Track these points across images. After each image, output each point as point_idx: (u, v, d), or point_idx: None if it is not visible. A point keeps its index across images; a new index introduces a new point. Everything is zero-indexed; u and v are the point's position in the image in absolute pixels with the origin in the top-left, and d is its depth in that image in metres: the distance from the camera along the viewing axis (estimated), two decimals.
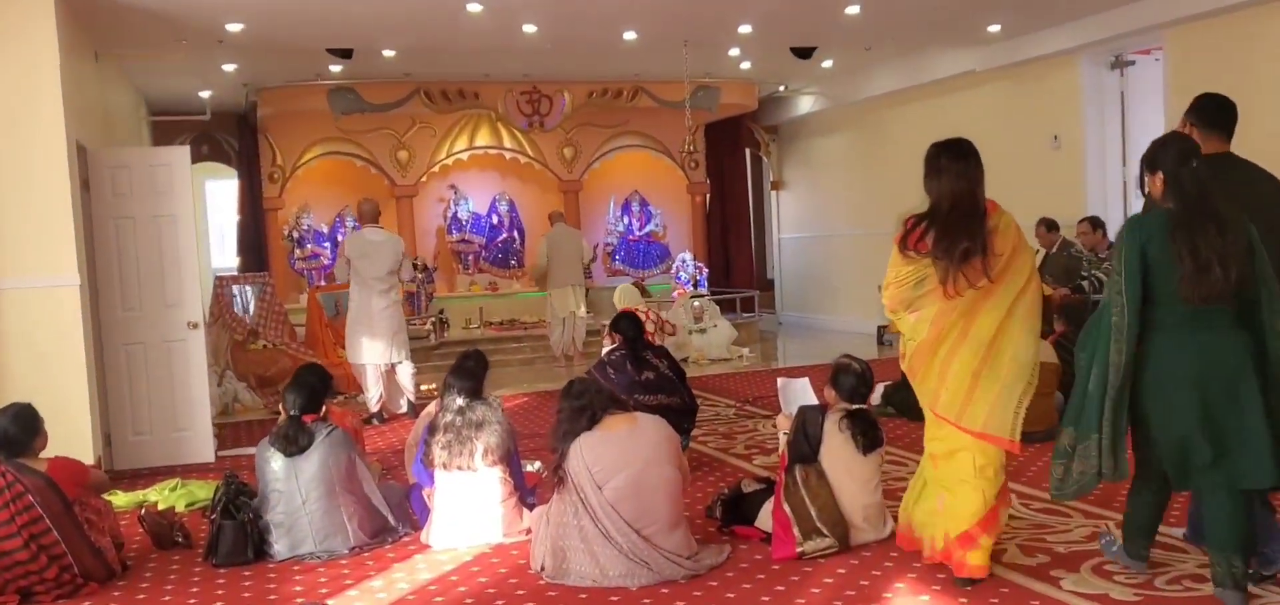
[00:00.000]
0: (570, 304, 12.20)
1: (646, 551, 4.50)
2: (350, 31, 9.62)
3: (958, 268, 4.13)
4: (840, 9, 9.47)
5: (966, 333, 4.17)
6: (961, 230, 4.16)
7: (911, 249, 4.28)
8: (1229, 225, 3.83)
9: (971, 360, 4.15)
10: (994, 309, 4.15)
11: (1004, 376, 4.13)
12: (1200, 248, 3.79)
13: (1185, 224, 3.85)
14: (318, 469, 5.17)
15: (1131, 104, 11.01)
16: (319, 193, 14.16)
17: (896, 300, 4.35)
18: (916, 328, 4.29)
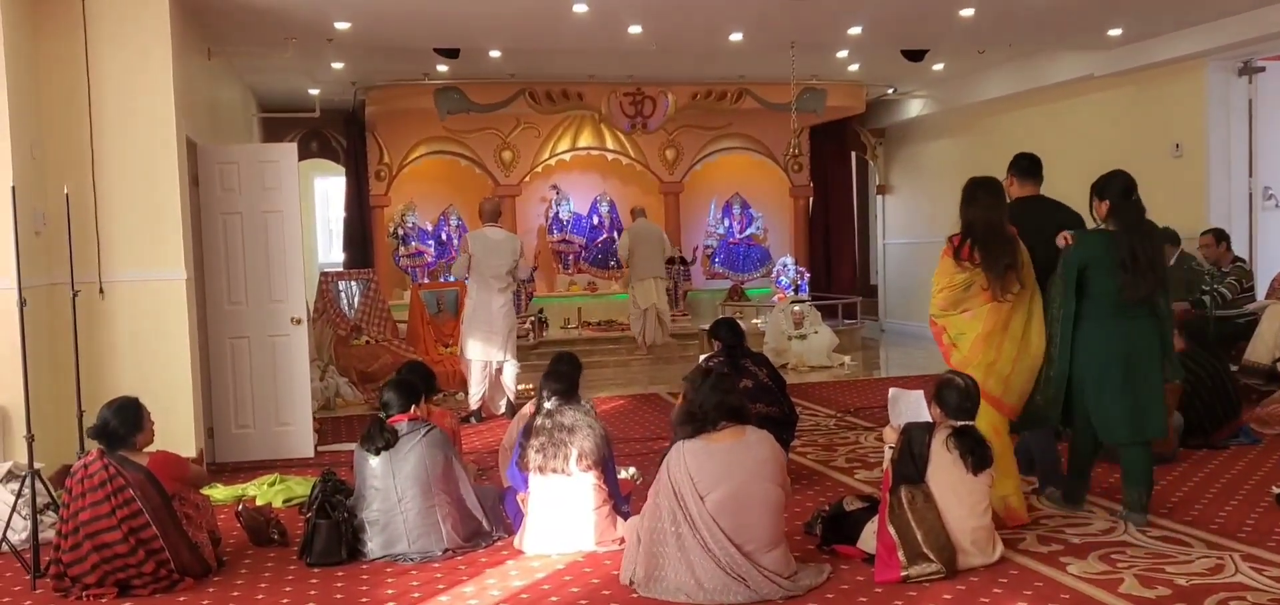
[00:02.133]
0: (652, 296, 12.53)
1: (745, 567, 4.38)
2: (457, 31, 9.66)
3: (1002, 279, 5.20)
4: (954, 11, 9.18)
5: (1007, 328, 5.29)
6: (1003, 249, 5.23)
7: (965, 260, 5.29)
8: (1153, 244, 5.26)
9: (1012, 350, 5.30)
10: (1021, 311, 5.31)
11: (1032, 359, 5.33)
12: (1138, 259, 5.14)
13: (1126, 242, 5.18)
14: (414, 467, 5.17)
15: (1260, 112, 10.47)
16: (424, 191, 14.31)
17: (949, 302, 5.40)
18: (969, 326, 5.33)
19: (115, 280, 6.74)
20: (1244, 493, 5.88)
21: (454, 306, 9.72)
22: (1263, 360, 8.45)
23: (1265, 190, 10.52)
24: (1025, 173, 5.97)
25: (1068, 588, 4.45)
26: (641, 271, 12.50)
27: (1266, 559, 4.71)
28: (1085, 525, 5.34)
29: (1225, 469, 6.44)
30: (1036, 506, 5.67)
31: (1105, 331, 5.23)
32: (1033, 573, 4.65)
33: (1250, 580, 4.44)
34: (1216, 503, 5.70)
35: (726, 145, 15.01)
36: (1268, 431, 7.31)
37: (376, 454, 5.18)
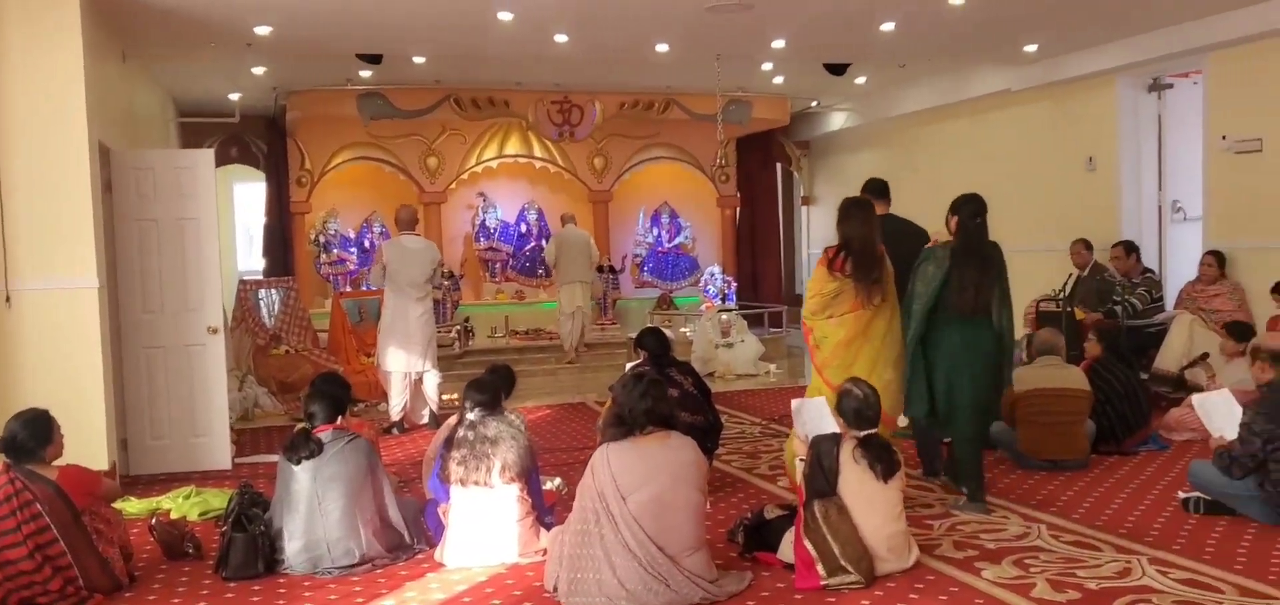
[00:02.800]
0: (577, 300, 12.61)
1: (667, 568, 4.39)
2: (380, 37, 9.57)
3: (867, 289, 5.77)
4: (875, 26, 9.33)
5: (867, 335, 5.88)
6: (873, 264, 5.80)
7: (836, 271, 5.82)
8: (989, 263, 5.78)
9: (871, 352, 5.87)
10: (881, 319, 5.90)
11: (892, 360, 5.90)
12: (965, 278, 5.69)
13: (961, 260, 5.73)
14: (336, 476, 5.11)
15: (1169, 127, 10.79)
16: (346, 197, 14.14)
17: (819, 307, 5.94)
18: (833, 330, 5.90)
19: (23, 289, 6.54)
20: (1152, 497, 6.05)
21: (377, 315, 9.61)
22: (1171, 369, 8.71)
23: (1174, 203, 10.84)
24: (879, 194, 6.84)
25: (982, 592, 4.53)
26: (567, 276, 12.61)
27: (1172, 562, 4.85)
28: (1000, 530, 5.45)
29: (1135, 475, 6.62)
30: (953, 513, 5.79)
31: (951, 336, 5.76)
32: (948, 578, 4.73)
33: (1156, 583, 4.57)
34: (1126, 507, 5.85)
35: (655, 155, 15.08)
36: (1175, 438, 7.52)
37: (299, 463, 5.10)
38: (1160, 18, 9.37)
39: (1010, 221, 12.09)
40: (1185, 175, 10.56)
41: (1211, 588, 4.49)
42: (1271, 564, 4.80)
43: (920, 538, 5.17)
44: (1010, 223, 12.09)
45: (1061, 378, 6.84)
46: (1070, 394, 6.80)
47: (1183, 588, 4.49)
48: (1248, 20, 8.87)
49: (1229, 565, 4.79)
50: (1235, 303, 9.04)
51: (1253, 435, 5.39)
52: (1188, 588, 4.49)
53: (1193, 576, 4.64)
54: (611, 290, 14.55)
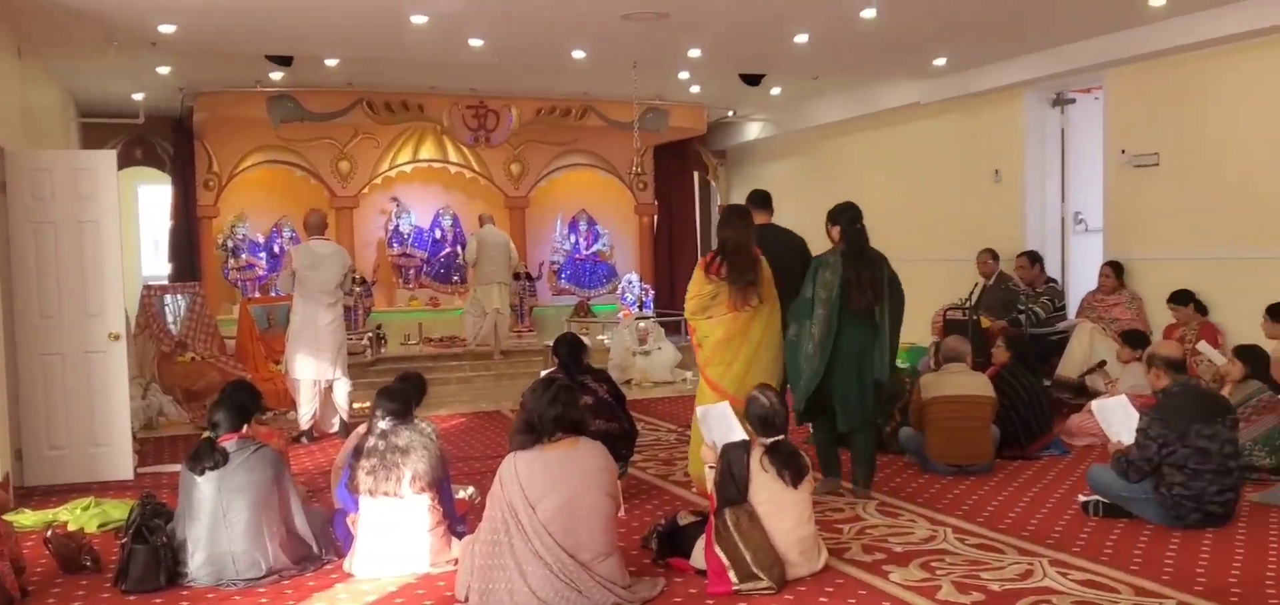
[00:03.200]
0: (495, 301, 12.63)
1: (579, 576, 4.38)
2: (290, 38, 9.41)
3: (742, 292, 6.08)
4: (789, 37, 9.45)
5: (745, 335, 6.18)
6: (745, 268, 6.10)
7: (712, 274, 6.15)
8: (875, 264, 6.20)
9: (749, 351, 6.17)
10: (759, 321, 6.19)
11: (765, 363, 6.18)
12: (861, 277, 6.09)
13: (852, 262, 6.13)
14: (243, 487, 5.00)
15: (1072, 141, 11.10)
16: (256, 201, 13.86)
17: (698, 308, 6.26)
18: (712, 330, 6.22)
19: None
20: (1054, 501, 6.21)
21: (285, 321, 9.43)
22: (1072, 376, 8.95)
23: (1076, 215, 11.16)
24: (761, 204, 7.06)
25: (889, 595, 4.61)
26: (486, 277, 12.61)
27: (1072, 563, 4.99)
28: (907, 534, 5.55)
29: (1038, 478, 6.79)
30: (862, 517, 5.88)
31: (846, 336, 6.10)
32: (857, 581, 4.80)
33: (1057, 584, 4.69)
34: (1029, 510, 6.00)
35: (572, 161, 15.06)
36: (1076, 443, 7.73)
37: (203, 474, 4.98)
38: (1063, 35, 9.65)
39: (920, 231, 12.38)
40: (1086, 188, 10.88)
41: (1109, 588, 4.62)
42: (1165, 565, 4.96)
43: (829, 541, 5.24)
44: (920, 232, 12.38)
45: (967, 384, 6.99)
46: (976, 400, 6.95)
47: (1082, 588, 4.62)
48: (1144, 38, 9.18)
49: (1125, 566, 4.94)
50: (1133, 312, 9.34)
51: (1149, 440, 5.56)
52: (1086, 588, 4.62)
53: (1091, 577, 4.77)
54: (528, 297, 14.49)
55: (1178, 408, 5.58)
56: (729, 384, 6.10)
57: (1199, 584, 4.67)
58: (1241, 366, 6.78)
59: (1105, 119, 10.08)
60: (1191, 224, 9.21)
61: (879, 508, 6.12)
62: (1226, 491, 5.53)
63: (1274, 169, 8.50)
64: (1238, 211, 8.80)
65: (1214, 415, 5.57)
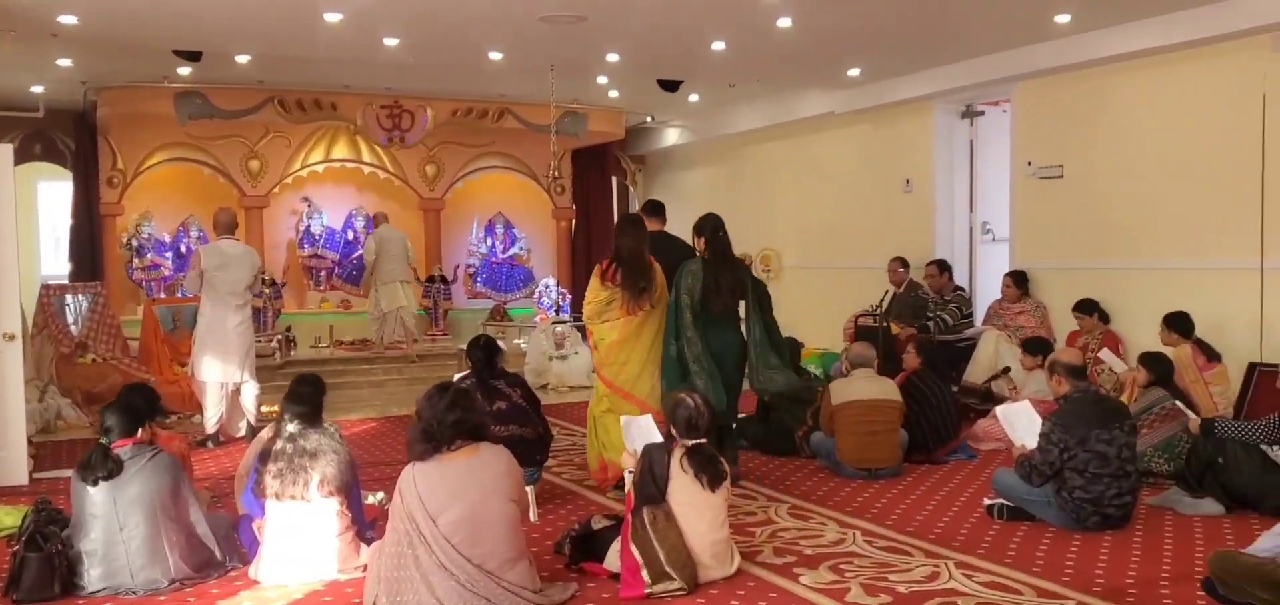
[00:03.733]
0: (400, 299, 12.71)
1: (486, 585, 4.33)
2: (199, 34, 9.18)
3: (635, 298, 6.48)
4: (706, 44, 9.51)
5: (639, 337, 6.60)
6: (639, 274, 6.50)
7: (608, 280, 6.54)
8: (737, 269, 6.78)
9: (642, 353, 6.61)
10: (651, 324, 6.62)
11: (657, 364, 6.62)
12: (721, 283, 6.61)
13: (714, 268, 6.65)
14: (139, 494, 4.85)
15: (980, 152, 11.35)
16: (162, 200, 13.50)
17: (594, 313, 6.64)
18: (608, 333, 6.61)
19: None
20: (960, 504, 6.34)
21: (191, 322, 9.19)
22: (979, 382, 9.16)
23: (984, 225, 11.42)
24: (654, 213, 7.53)
25: (799, 598, 4.66)
26: (388, 275, 12.66)
27: (976, 565, 5.10)
28: (817, 537, 5.62)
29: (944, 482, 6.93)
30: (773, 519, 5.93)
31: (710, 336, 6.61)
32: (768, 584, 4.85)
33: (962, 586, 4.79)
34: (935, 514, 6.12)
35: (489, 164, 14.94)
36: (982, 447, 7.91)
37: (95, 484, 4.81)
38: (972, 48, 9.87)
39: (833, 239, 12.57)
40: (994, 198, 11.14)
41: (1012, 590, 4.73)
42: (1066, 566, 5.09)
43: (741, 544, 5.28)
44: (832, 240, 12.57)
45: (876, 389, 7.10)
46: (884, 405, 7.06)
47: (986, 590, 4.72)
48: (1050, 53, 9.44)
49: (1028, 568, 5.06)
50: (1038, 320, 9.59)
51: (1051, 444, 5.70)
52: (990, 590, 4.72)
53: (995, 579, 4.88)
54: (443, 300, 14.34)
55: (1078, 413, 5.73)
56: (624, 383, 6.62)
57: (1098, 585, 4.80)
58: (1146, 373, 6.98)
59: (1012, 131, 10.34)
60: (1094, 234, 9.48)
61: (790, 511, 6.19)
62: (1124, 495, 5.70)
63: (1172, 182, 8.81)
64: (1138, 223, 9.09)
65: (1112, 421, 5.73)
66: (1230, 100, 8.36)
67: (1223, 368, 7.76)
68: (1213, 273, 8.48)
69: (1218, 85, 8.48)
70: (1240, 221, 8.27)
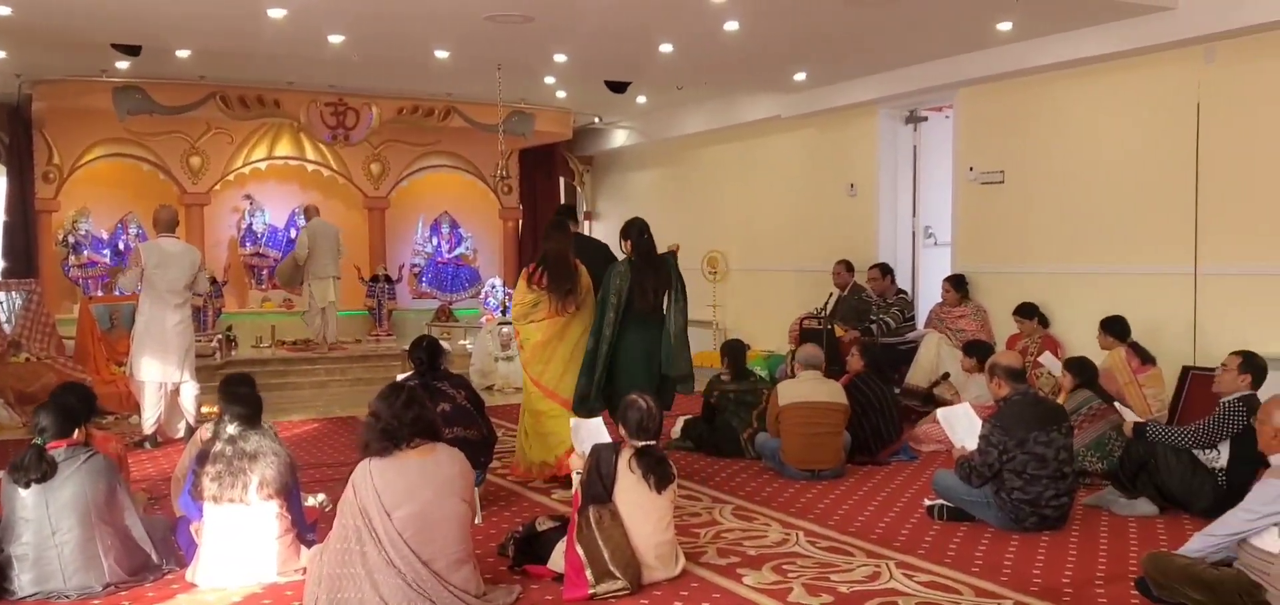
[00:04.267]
0: (330, 294, 12.60)
1: (432, 585, 4.31)
2: (138, 27, 9.01)
3: (561, 299, 6.82)
4: (654, 46, 9.52)
5: (563, 337, 6.93)
6: (564, 277, 6.85)
7: (535, 283, 6.86)
8: (661, 270, 6.95)
9: (566, 352, 6.92)
10: (576, 324, 6.94)
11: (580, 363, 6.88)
12: (646, 284, 6.86)
13: (640, 270, 6.89)
14: (72, 497, 4.74)
15: (923, 157, 11.49)
16: (100, 196, 13.25)
17: (521, 314, 6.99)
18: (533, 333, 6.94)
19: None
20: (901, 505, 6.41)
21: (130, 321, 9.02)
22: (921, 384, 9.26)
23: (926, 229, 11.56)
24: (569, 215, 7.90)
25: (743, 598, 4.69)
26: (321, 271, 12.51)
27: (917, 565, 5.15)
28: (761, 538, 5.65)
29: (886, 483, 7.00)
30: (719, 521, 5.96)
31: (634, 334, 6.89)
32: (711, 584, 4.86)
33: (902, 586, 4.84)
34: (877, 515, 6.18)
35: (435, 163, 14.84)
36: (923, 449, 8.00)
37: (28, 486, 4.71)
38: (916, 54, 9.99)
39: (778, 242, 12.65)
40: (937, 203, 11.28)
41: (951, 589, 4.79)
42: (1004, 566, 5.16)
43: (686, 545, 5.30)
44: (778, 243, 12.65)
45: (821, 391, 7.16)
46: (829, 407, 7.12)
47: (926, 590, 4.78)
48: (992, 60, 9.59)
49: (967, 568, 5.13)
50: (978, 323, 9.72)
51: (990, 446, 5.79)
52: (930, 590, 4.78)
53: (935, 579, 4.94)
54: (387, 300, 14.23)
55: (1017, 415, 5.82)
56: (548, 381, 6.94)
57: (1035, 584, 4.88)
58: (1072, 378, 7.12)
59: (955, 137, 10.48)
60: (1034, 239, 9.64)
61: (735, 512, 6.22)
62: (1062, 495, 5.80)
63: (1110, 188, 8.98)
64: (1077, 228, 9.25)
65: (1050, 423, 5.83)
66: (1166, 109, 8.55)
67: (1157, 371, 7.91)
68: (1148, 278, 8.66)
69: (1154, 94, 8.66)
70: (1175, 228, 8.46)
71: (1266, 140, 7.93)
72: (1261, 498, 4.33)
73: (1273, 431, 4.46)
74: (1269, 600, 4.19)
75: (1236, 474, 5.86)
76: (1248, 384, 6.01)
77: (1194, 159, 8.33)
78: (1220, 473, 5.96)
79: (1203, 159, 8.29)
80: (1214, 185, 8.24)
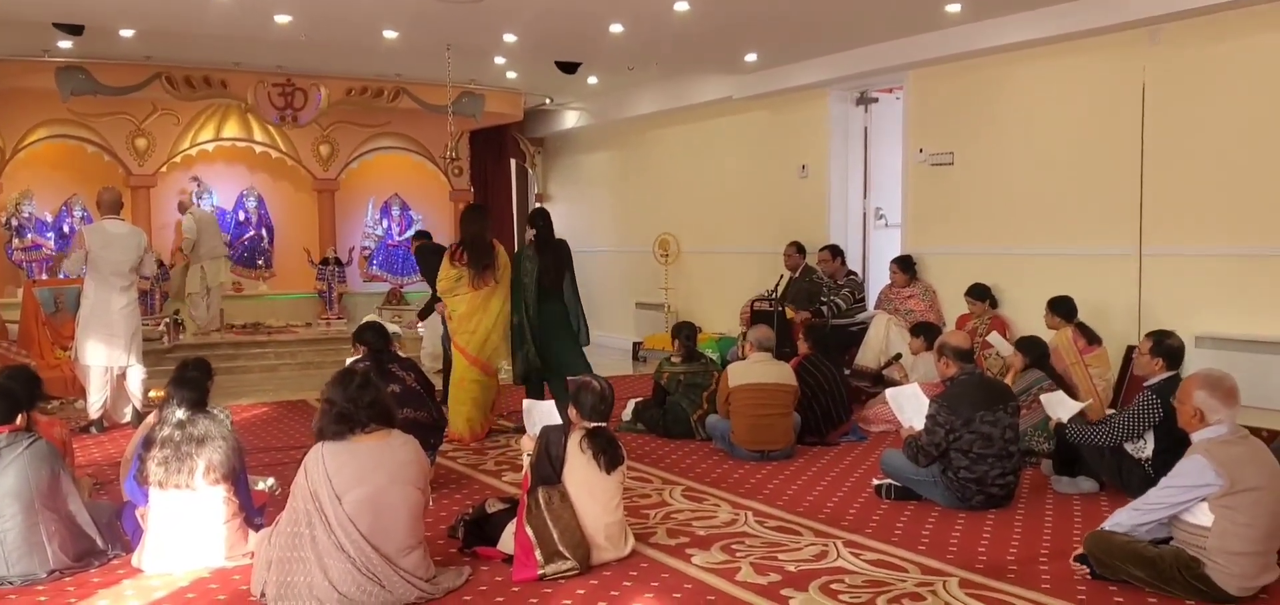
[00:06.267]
0: (222, 274, 12.69)
1: (382, 569, 4.31)
2: (80, 6, 8.85)
3: (480, 275, 7.84)
4: (604, 26, 9.50)
5: (486, 308, 7.94)
6: (483, 255, 7.87)
7: (457, 262, 7.88)
8: (561, 250, 8.31)
9: (487, 322, 7.93)
10: (497, 297, 7.99)
11: (501, 331, 8.03)
12: (546, 264, 8.18)
13: (541, 253, 8.22)
14: (14, 484, 4.67)
15: (874, 139, 11.57)
16: (43, 178, 12.99)
17: (446, 289, 7.97)
18: (458, 305, 7.94)
19: None
20: (849, 485, 6.48)
21: (74, 305, 8.88)
22: (871, 365, 9.36)
23: (877, 210, 11.65)
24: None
25: (691, 578, 4.72)
26: (213, 250, 12.49)
27: (864, 544, 5.22)
28: (711, 518, 5.69)
29: (835, 464, 7.07)
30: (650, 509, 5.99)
31: (540, 310, 8.19)
32: (660, 564, 4.89)
33: (849, 564, 4.90)
34: (825, 495, 6.24)
35: (384, 144, 14.70)
36: (873, 430, 8.09)
37: None
38: (867, 35, 10.05)
39: (729, 223, 12.69)
40: (887, 184, 11.37)
41: (897, 567, 4.85)
42: (950, 544, 5.24)
43: (635, 525, 5.32)
44: (729, 225, 12.69)
45: (771, 373, 7.21)
46: (778, 389, 7.17)
47: (872, 568, 4.84)
48: (942, 42, 9.67)
49: (914, 546, 5.20)
50: (927, 303, 9.83)
51: (937, 425, 5.86)
52: (876, 568, 4.84)
53: (882, 557, 5.00)
54: (338, 283, 14.11)
55: (963, 395, 5.90)
56: (473, 348, 7.91)
57: (980, 562, 4.95)
58: (1022, 357, 7.22)
59: (905, 118, 10.57)
60: (983, 221, 9.76)
61: (685, 493, 6.25)
62: (1007, 475, 5.89)
63: (1057, 170, 9.11)
64: (1026, 210, 9.38)
65: (996, 402, 5.91)
66: (1112, 91, 8.68)
67: (1103, 351, 8.03)
68: (1094, 259, 8.80)
69: (1100, 76, 8.79)
70: (1120, 209, 8.60)
71: (1210, 122, 8.08)
72: (1186, 473, 4.40)
73: (1192, 411, 4.49)
74: (1208, 574, 4.29)
75: (1162, 462, 5.86)
76: (1161, 368, 6.04)
77: (1139, 140, 8.46)
78: (1146, 463, 5.96)
79: (1147, 140, 8.43)
80: (1158, 167, 8.38)
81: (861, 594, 4.47)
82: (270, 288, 14.27)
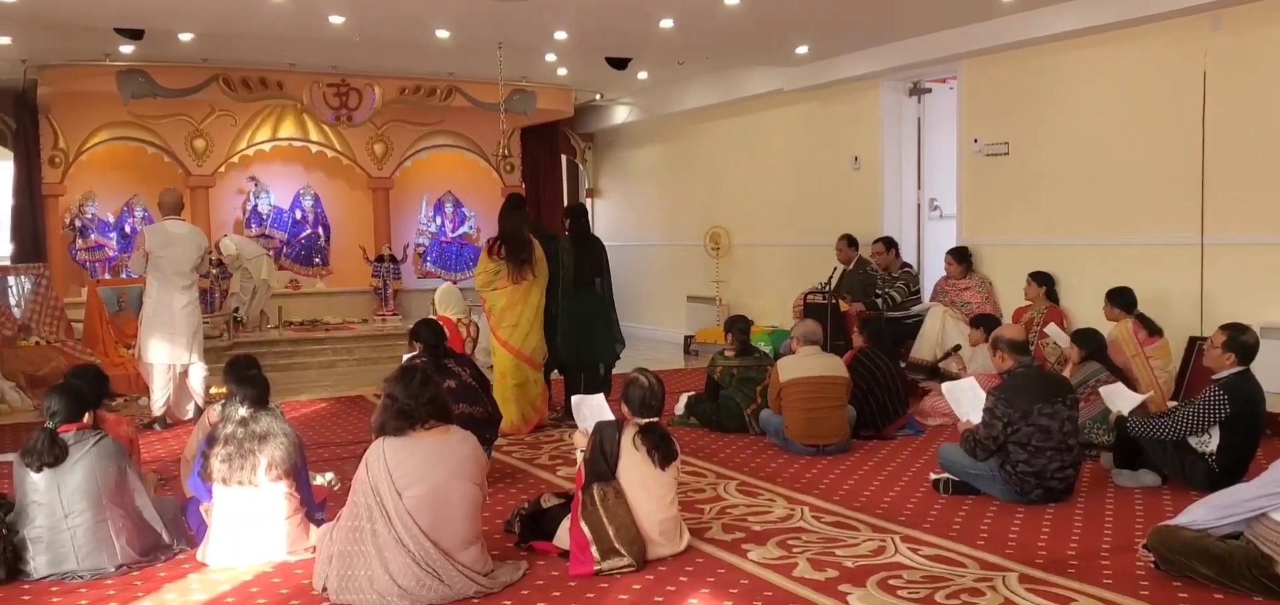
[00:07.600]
0: (263, 273, 12.69)
1: (440, 562, 4.36)
2: (141, 11, 9.02)
3: (518, 269, 8.01)
4: (655, 21, 9.50)
5: (526, 301, 8.08)
6: (521, 250, 8.04)
7: (495, 256, 8.06)
8: (596, 247, 8.70)
9: (529, 315, 8.09)
10: (535, 291, 8.13)
11: (541, 325, 8.16)
12: (582, 259, 8.47)
13: (576, 247, 8.51)
14: (83, 480, 4.79)
15: (927, 130, 11.46)
16: (105, 180, 13.25)
17: (484, 283, 8.16)
18: (497, 299, 8.10)
19: None
20: (906, 480, 6.43)
21: (137, 304, 9.08)
22: (926, 358, 9.28)
23: (931, 201, 11.54)
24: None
25: (747, 573, 4.71)
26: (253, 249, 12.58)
27: (922, 539, 5.18)
28: (766, 513, 5.68)
29: (892, 458, 7.03)
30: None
31: (575, 301, 8.43)
32: (716, 560, 4.89)
33: (907, 559, 4.87)
34: (882, 489, 6.21)
35: (438, 142, 14.82)
36: (929, 423, 8.02)
37: (39, 470, 4.74)
38: (919, 26, 9.95)
39: (781, 217, 12.64)
40: (941, 175, 11.26)
41: (956, 563, 4.81)
42: (1009, 539, 5.18)
43: (690, 521, 5.33)
44: (781, 218, 12.63)
45: (823, 366, 7.18)
46: (831, 381, 7.14)
47: (930, 563, 4.80)
48: (996, 31, 9.55)
49: (972, 541, 5.15)
50: (984, 295, 9.72)
51: (994, 419, 5.80)
52: (935, 563, 4.80)
53: (940, 552, 4.96)
54: (392, 280, 14.26)
55: (1021, 388, 5.83)
56: (515, 341, 8.05)
57: (1040, 556, 4.90)
58: (1079, 349, 7.12)
59: (959, 109, 10.45)
60: (1039, 211, 9.63)
61: (739, 488, 6.25)
62: (1067, 468, 5.81)
63: (1116, 158, 8.96)
64: (1083, 200, 9.24)
65: (1055, 395, 5.83)
66: (1171, 78, 8.52)
67: (1164, 342, 7.90)
68: (1154, 248, 8.66)
69: (1159, 63, 8.63)
70: (1181, 198, 8.44)
71: (1273, 109, 7.91)
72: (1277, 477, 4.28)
73: None
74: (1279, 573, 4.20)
75: (1229, 457, 5.81)
76: (1233, 362, 5.87)
77: (1200, 128, 8.30)
78: (1211, 457, 5.86)
79: (1209, 128, 8.26)
80: (1220, 155, 8.22)
81: (920, 589, 4.44)
82: (327, 285, 14.43)
